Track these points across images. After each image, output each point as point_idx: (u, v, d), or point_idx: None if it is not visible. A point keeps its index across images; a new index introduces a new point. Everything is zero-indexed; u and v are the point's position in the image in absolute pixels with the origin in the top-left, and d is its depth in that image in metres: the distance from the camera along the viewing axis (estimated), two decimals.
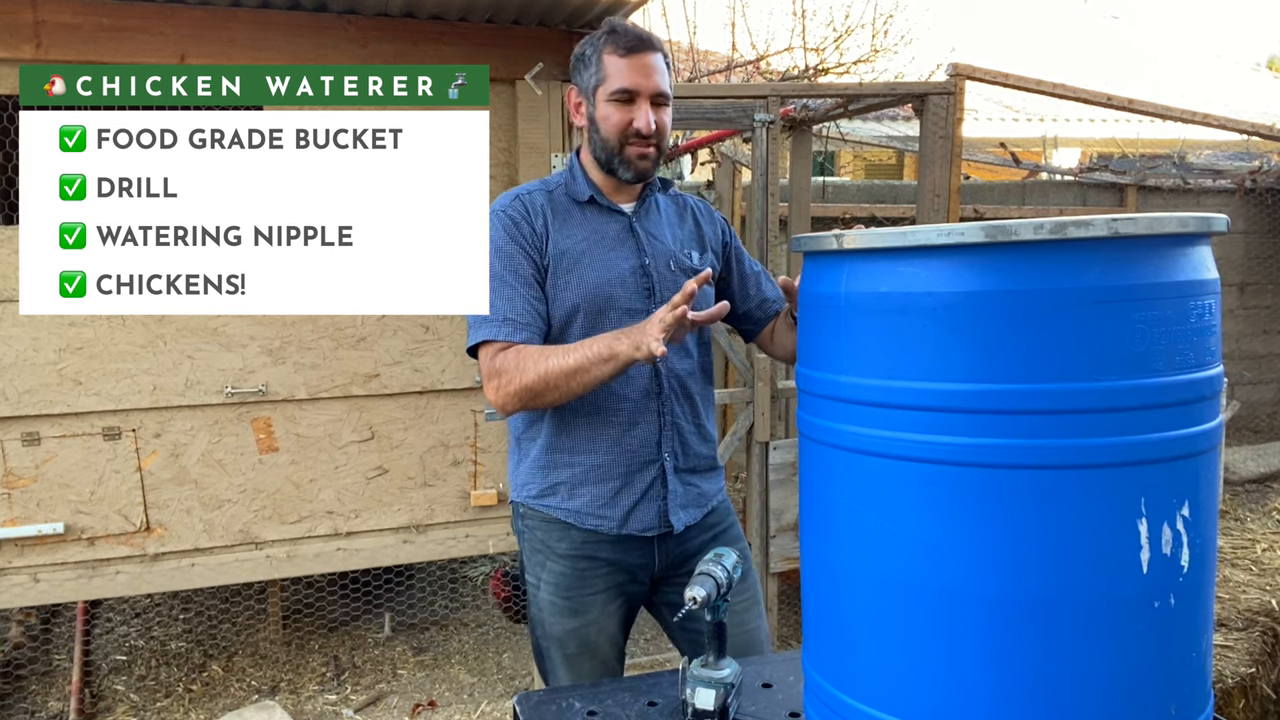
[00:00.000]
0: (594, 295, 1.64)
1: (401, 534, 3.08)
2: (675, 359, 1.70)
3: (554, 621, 1.70)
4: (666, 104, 1.68)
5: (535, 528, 1.72)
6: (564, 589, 1.69)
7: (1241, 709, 2.97)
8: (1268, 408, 6.98)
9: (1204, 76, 9.08)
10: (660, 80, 1.65)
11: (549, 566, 1.70)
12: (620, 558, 1.70)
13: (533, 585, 1.73)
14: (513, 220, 1.66)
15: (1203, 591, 0.98)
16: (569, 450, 1.68)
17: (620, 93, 1.63)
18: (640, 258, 1.69)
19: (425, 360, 3.02)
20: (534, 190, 1.73)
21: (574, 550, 1.69)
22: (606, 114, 1.65)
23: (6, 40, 2.57)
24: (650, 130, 1.64)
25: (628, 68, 1.62)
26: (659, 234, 1.74)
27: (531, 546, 1.73)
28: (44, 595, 2.79)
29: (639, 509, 1.68)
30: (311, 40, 2.80)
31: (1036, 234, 0.89)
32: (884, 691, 1.02)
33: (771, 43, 6.20)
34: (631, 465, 1.67)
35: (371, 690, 3.25)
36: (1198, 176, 6.40)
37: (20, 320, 2.67)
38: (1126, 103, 3.71)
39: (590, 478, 1.67)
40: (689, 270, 1.73)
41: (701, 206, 1.87)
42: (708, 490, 1.78)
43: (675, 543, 1.73)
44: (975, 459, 0.93)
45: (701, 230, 1.82)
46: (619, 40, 1.64)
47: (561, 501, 1.68)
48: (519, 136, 2.96)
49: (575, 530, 1.68)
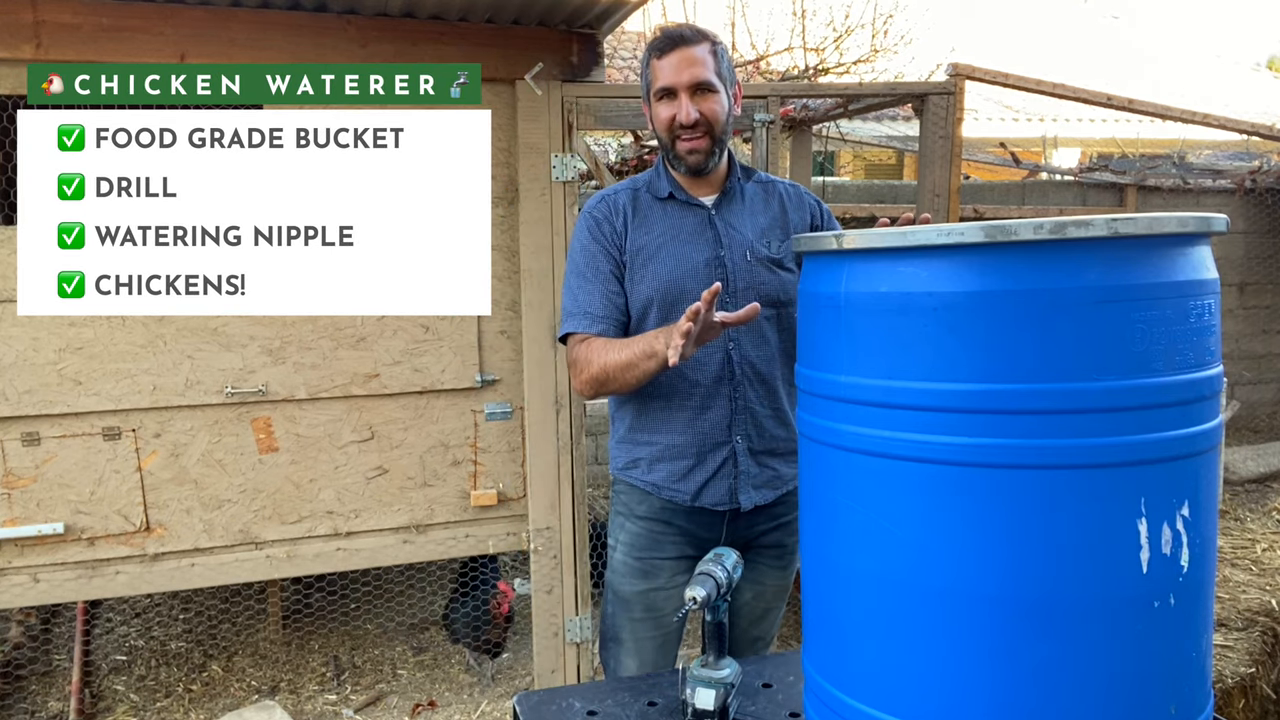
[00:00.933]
0: (667, 288, 1.72)
1: (401, 534, 3.08)
2: (749, 345, 1.76)
3: (624, 583, 1.82)
4: (713, 91, 1.71)
5: (621, 492, 1.86)
6: (637, 549, 1.81)
7: (1241, 709, 2.97)
8: (1268, 408, 6.98)
9: (1204, 76, 9.08)
10: (700, 70, 1.69)
11: (627, 527, 1.83)
12: (692, 528, 1.80)
13: (611, 548, 1.87)
14: (595, 220, 1.78)
15: (1203, 591, 0.98)
16: (648, 430, 1.80)
17: (660, 92, 1.72)
18: (716, 249, 1.76)
19: (425, 360, 3.02)
20: (620, 190, 1.84)
21: (651, 514, 1.81)
22: (656, 113, 1.75)
23: (6, 40, 2.57)
24: (690, 120, 1.69)
25: (665, 67, 1.70)
26: (739, 224, 1.79)
27: (615, 510, 1.88)
28: (44, 595, 2.79)
29: (711, 485, 1.77)
30: (311, 40, 2.80)
31: (1036, 234, 0.89)
32: (884, 691, 1.01)
33: (771, 43, 6.20)
34: (704, 446, 1.76)
35: (371, 690, 3.25)
36: (1198, 176, 6.40)
37: (20, 320, 2.67)
38: (1126, 103, 3.71)
39: (666, 455, 1.78)
40: (766, 259, 1.78)
41: (790, 192, 1.90)
42: (785, 474, 1.83)
43: (743, 524, 1.81)
44: (975, 459, 0.93)
45: (787, 216, 1.85)
46: (657, 43, 1.73)
47: (642, 475, 1.81)
48: (519, 136, 2.96)
49: (654, 497, 1.80)
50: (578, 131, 3.03)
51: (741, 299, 1.72)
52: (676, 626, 1.84)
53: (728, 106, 1.75)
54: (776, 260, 1.79)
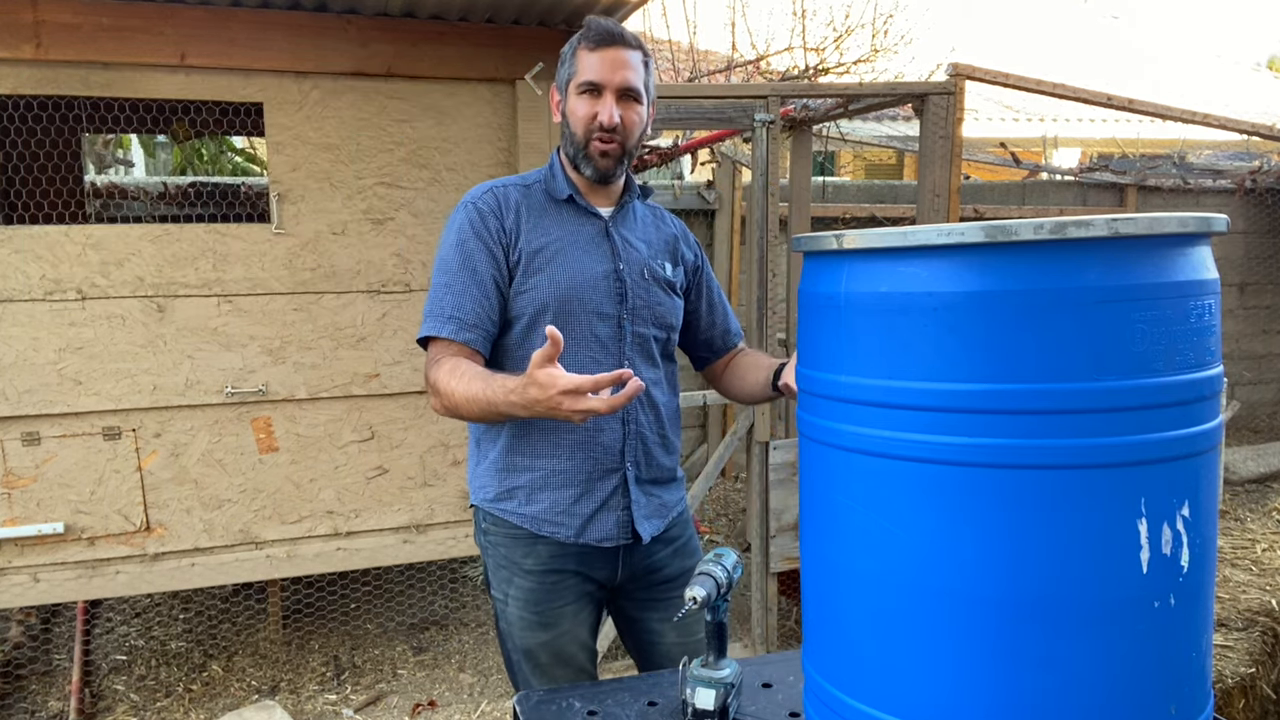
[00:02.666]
0: (565, 295, 1.60)
1: (401, 534, 3.08)
2: (643, 368, 1.68)
3: (524, 635, 1.66)
4: (637, 101, 1.62)
5: (499, 543, 1.67)
6: (533, 604, 1.65)
7: (1241, 709, 2.97)
8: (1268, 408, 6.98)
9: (1204, 76, 9.07)
10: (630, 76, 1.59)
11: (516, 583, 1.66)
12: (586, 569, 1.68)
13: (500, 600, 1.69)
14: (480, 213, 1.61)
15: (1203, 591, 0.98)
16: (529, 454, 1.64)
17: (586, 85, 1.60)
18: (614, 262, 1.66)
19: (425, 360, 3.02)
20: (510, 185, 1.68)
21: (541, 565, 1.65)
22: (574, 107, 1.62)
23: (6, 40, 2.57)
24: (612, 123, 1.59)
25: (596, 61, 1.59)
26: (634, 241, 1.71)
27: (496, 563, 1.68)
28: (44, 595, 2.79)
29: (598, 518, 1.64)
30: (311, 40, 2.80)
31: (1036, 234, 0.89)
32: (884, 691, 1.01)
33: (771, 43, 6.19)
34: (593, 472, 1.64)
35: (371, 690, 3.25)
36: (1198, 176, 6.40)
37: (20, 320, 2.67)
38: (1126, 103, 3.71)
39: (550, 483, 1.63)
40: (661, 280, 1.71)
41: (679, 226, 1.85)
42: (669, 501, 1.75)
43: (640, 555, 1.71)
44: (975, 459, 0.93)
45: (677, 246, 1.80)
46: (591, 35, 1.61)
47: (519, 506, 1.64)
48: (519, 136, 2.97)
49: (541, 544, 1.64)
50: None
51: (638, 317, 1.67)
52: (588, 658, 1.70)
53: (645, 121, 1.66)
54: (671, 283, 1.73)
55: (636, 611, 1.77)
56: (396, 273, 2.97)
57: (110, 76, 2.68)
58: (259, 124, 2.98)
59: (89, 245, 2.71)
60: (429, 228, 2.99)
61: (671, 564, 1.75)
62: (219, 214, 4.43)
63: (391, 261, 2.97)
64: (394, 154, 2.94)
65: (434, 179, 2.98)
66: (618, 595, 1.76)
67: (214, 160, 6.03)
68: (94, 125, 4.16)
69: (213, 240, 2.81)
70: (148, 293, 2.76)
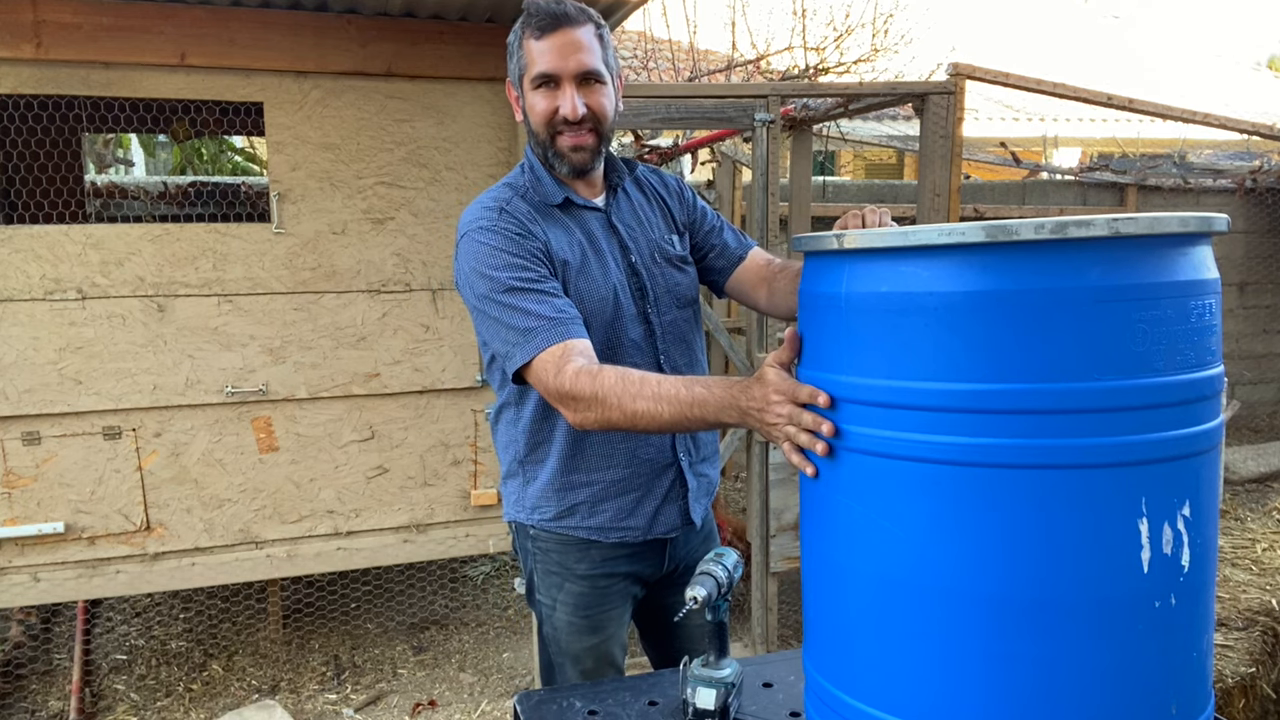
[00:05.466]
0: (599, 308, 1.52)
1: (402, 533, 3.08)
2: (677, 355, 1.64)
3: (572, 640, 1.64)
4: (600, 82, 1.48)
5: (551, 549, 1.64)
6: (584, 609, 1.63)
7: (1241, 709, 2.97)
8: (1268, 408, 6.98)
9: (1204, 76, 9.07)
10: (586, 58, 1.46)
11: (567, 588, 1.63)
12: (637, 569, 1.66)
13: (547, 606, 1.66)
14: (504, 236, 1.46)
15: (1203, 591, 0.98)
16: (585, 470, 1.58)
17: (540, 77, 1.47)
18: (626, 256, 1.59)
19: (425, 360, 3.02)
20: (510, 198, 1.53)
21: (594, 569, 1.62)
22: (532, 103, 1.50)
23: (6, 40, 2.57)
24: (578, 115, 1.46)
25: (546, 50, 1.45)
26: (635, 225, 1.63)
27: (546, 569, 1.65)
28: (44, 594, 2.79)
29: (662, 512, 1.62)
30: (312, 40, 2.80)
31: (1037, 234, 0.89)
32: (884, 691, 1.01)
33: (771, 42, 6.19)
34: (651, 473, 1.61)
35: (372, 689, 3.25)
36: (1198, 176, 6.39)
37: (20, 320, 2.67)
38: (1126, 102, 3.71)
39: (610, 493, 1.59)
40: (674, 258, 1.64)
41: (653, 178, 1.72)
42: (714, 478, 1.75)
43: (682, 546, 1.71)
44: (976, 459, 0.93)
45: (668, 206, 1.70)
46: (533, 20, 1.47)
47: (582, 520, 1.60)
48: (519, 136, 2.97)
49: (595, 549, 1.61)
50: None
51: (661, 305, 1.60)
52: (623, 655, 1.70)
53: (615, 100, 1.53)
54: (682, 258, 1.65)
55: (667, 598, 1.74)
56: (397, 272, 2.97)
57: (110, 76, 2.68)
58: (259, 124, 2.98)
59: (89, 245, 2.71)
60: (429, 227, 2.99)
61: (701, 549, 1.75)
62: (219, 214, 4.43)
63: (392, 261, 2.97)
64: (394, 153, 2.94)
65: (434, 178, 2.98)
66: (658, 586, 1.74)
67: (214, 160, 6.03)
68: (94, 125, 4.16)
69: (213, 240, 2.81)
70: (148, 292, 2.76)
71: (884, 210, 1.45)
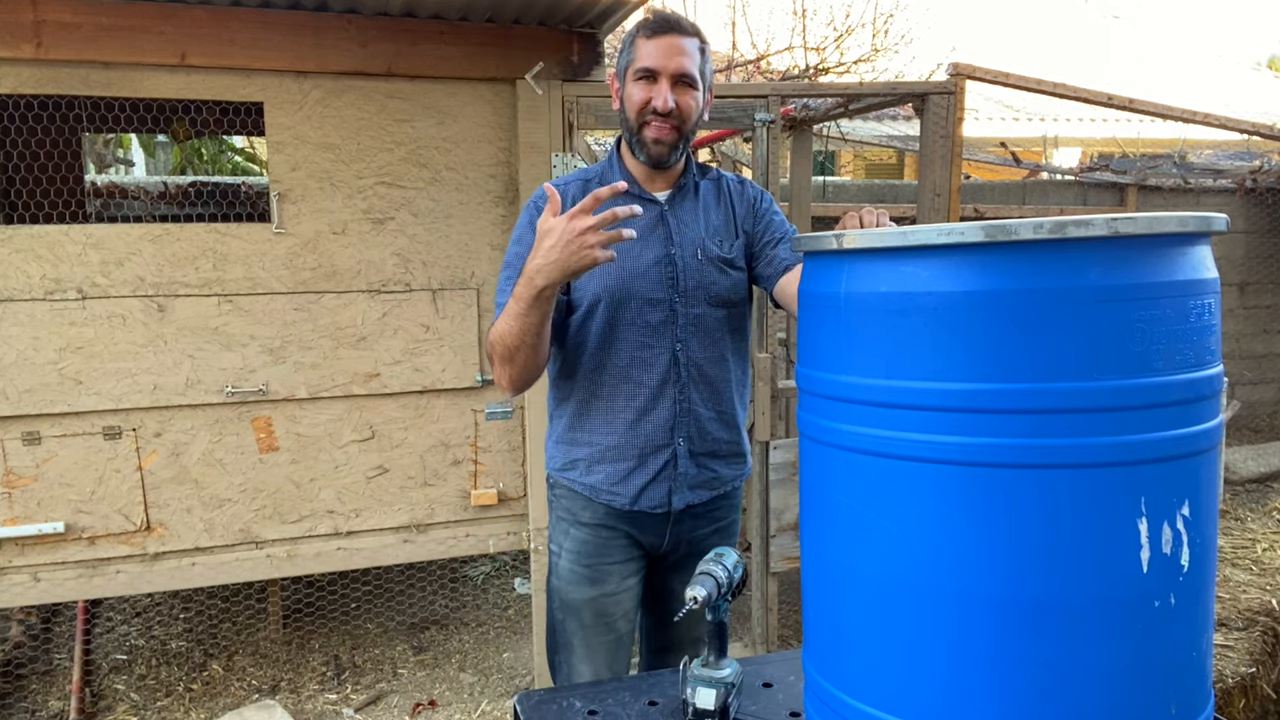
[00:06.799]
0: (615, 287, 1.67)
1: (402, 533, 3.08)
2: (697, 347, 1.72)
3: (572, 589, 1.77)
4: (693, 87, 1.67)
5: (563, 496, 1.80)
6: (585, 556, 1.76)
7: (1241, 709, 2.97)
8: (1268, 408, 6.98)
9: (1204, 76, 9.07)
10: (685, 62, 1.64)
11: (572, 534, 1.78)
12: (637, 532, 1.78)
13: (554, 554, 1.81)
14: (539, 210, 1.67)
15: (1203, 591, 0.98)
16: (588, 429, 1.74)
17: (642, 71, 1.65)
18: (667, 247, 1.70)
19: (426, 360, 3.02)
20: (571, 181, 1.76)
21: (596, 519, 1.76)
22: (630, 93, 1.68)
23: (6, 40, 2.57)
24: (667, 108, 1.63)
25: (653, 48, 1.64)
26: (690, 221, 1.75)
27: (558, 515, 1.81)
28: (44, 594, 2.79)
29: (650, 488, 1.73)
30: (311, 39, 2.80)
31: (1036, 233, 0.89)
32: (884, 691, 1.01)
33: (772, 42, 6.20)
34: (645, 448, 1.72)
35: (372, 689, 3.25)
36: (1198, 176, 6.39)
37: (20, 320, 2.67)
38: (1126, 102, 3.71)
39: (606, 457, 1.73)
40: (716, 259, 1.74)
41: (734, 184, 1.85)
42: (724, 475, 1.80)
43: (686, 527, 1.78)
44: (975, 458, 0.93)
45: (735, 212, 1.81)
46: (649, 23, 1.67)
47: (580, 476, 1.76)
48: (519, 136, 2.97)
49: (595, 503, 1.76)
50: (578, 131, 3.03)
51: (691, 298, 1.70)
52: (628, 630, 1.80)
53: (701, 106, 1.70)
54: (728, 260, 1.75)
55: (677, 583, 1.82)
56: (397, 272, 2.97)
57: (110, 76, 2.68)
58: (259, 124, 2.98)
59: (89, 245, 2.71)
60: (429, 227, 2.99)
61: (710, 540, 1.81)
62: (219, 214, 4.43)
63: (392, 261, 2.97)
64: (394, 153, 2.94)
65: (434, 178, 2.98)
66: (661, 564, 1.84)
67: (214, 160, 6.03)
68: (94, 125, 4.16)
69: (213, 240, 2.81)
70: (148, 292, 2.76)
71: (883, 211, 1.52)
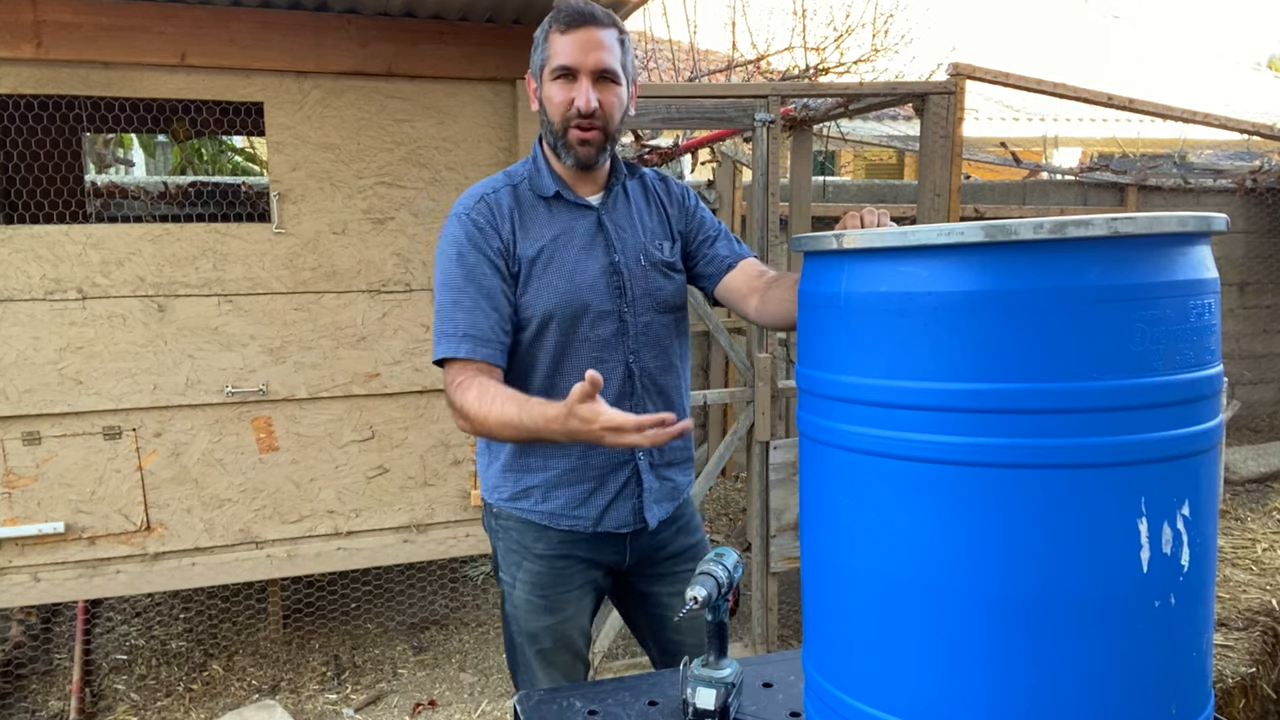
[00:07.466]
0: (567, 302, 1.58)
1: (402, 533, 3.08)
2: (649, 357, 1.66)
3: (530, 619, 1.69)
4: (615, 82, 1.56)
5: (511, 528, 1.70)
6: (541, 588, 1.68)
7: (1241, 709, 2.97)
8: (1268, 408, 6.98)
9: (1204, 76, 9.07)
10: (605, 56, 1.53)
11: (525, 566, 1.69)
12: (595, 555, 1.71)
13: (508, 584, 1.71)
14: (476, 226, 1.57)
15: (1203, 591, 0.98)
16: (541, 454, 1.64)
17: (559, 69, 1.54)
18: (610, 255, 1.63)
19: (426, 360, 3.02)
20: (499, 189, 1.63)
21: (551, 550, 1.68)
22: (549, 93, 1.57)
23: (6, 40, 2.57)
24: (590, 108, 1.53)
25: (569, 44, 1.53)
26: (627, 226, 1.67)
27: (507, 546, 1.71)
28: (44, 594, 2.79)
29: (613, 508, 1.67)
30: (311, 40, 2.80)
31: (1036, 234, 0.89)
32: (884, 691, 1.02)
33: (772, 42, 6.20)
34: (605, 467, 1.65)
35: (372, 689, 3.25)
36: (1198, 176, 6.40)
37: (20, 320, 2.67)
38: (1127, 102, 3.71)
39: (564, 480, 1.65)
40: (659, 264, 1.68)
41: (658, 182, 1.77)
42: (681, 483, 1.77)
43: (647, 537, 1.73)
44: (975, 458, 0.93)
45: (667, 213, 1.74)
46: (561, 16, 1.55)
47: (535, 505, 1.66)
48: (519, 136, 2.97)
49: (552, 531, 1.67)
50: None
51: (639, 306, 1.64)
52: (585, 642, 1.75)
53: (625, 102, 1.60)
54: (669, 264, 1.69)
55: (647, 587, 1.80)
56: (397, 272, 2.97)
57: (110, 76, 2.68)
58: (259, 124, 2.98)
59: (89, 245, 2.71)
60: (429, 227, 2.99)
61: (676, 540, 1.78)
62: (219, 214, 4.43)
63: (392, 261, 2.97)
64: (394, 153, 2.94)
65: (434, 178, 2.98)
66: (627, 575, 1.79)
67: (214, 160, 6.03)
68: (94, 125, 4.16)
69: (213, 240, 2.81)
70: (148, 292, 2.76)
71: (883, 211, 1.49)
